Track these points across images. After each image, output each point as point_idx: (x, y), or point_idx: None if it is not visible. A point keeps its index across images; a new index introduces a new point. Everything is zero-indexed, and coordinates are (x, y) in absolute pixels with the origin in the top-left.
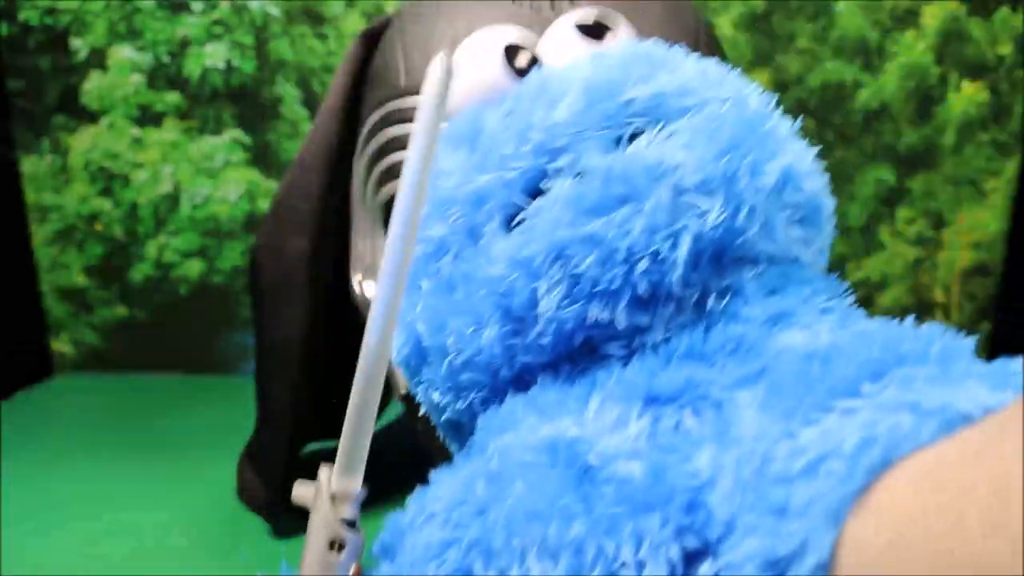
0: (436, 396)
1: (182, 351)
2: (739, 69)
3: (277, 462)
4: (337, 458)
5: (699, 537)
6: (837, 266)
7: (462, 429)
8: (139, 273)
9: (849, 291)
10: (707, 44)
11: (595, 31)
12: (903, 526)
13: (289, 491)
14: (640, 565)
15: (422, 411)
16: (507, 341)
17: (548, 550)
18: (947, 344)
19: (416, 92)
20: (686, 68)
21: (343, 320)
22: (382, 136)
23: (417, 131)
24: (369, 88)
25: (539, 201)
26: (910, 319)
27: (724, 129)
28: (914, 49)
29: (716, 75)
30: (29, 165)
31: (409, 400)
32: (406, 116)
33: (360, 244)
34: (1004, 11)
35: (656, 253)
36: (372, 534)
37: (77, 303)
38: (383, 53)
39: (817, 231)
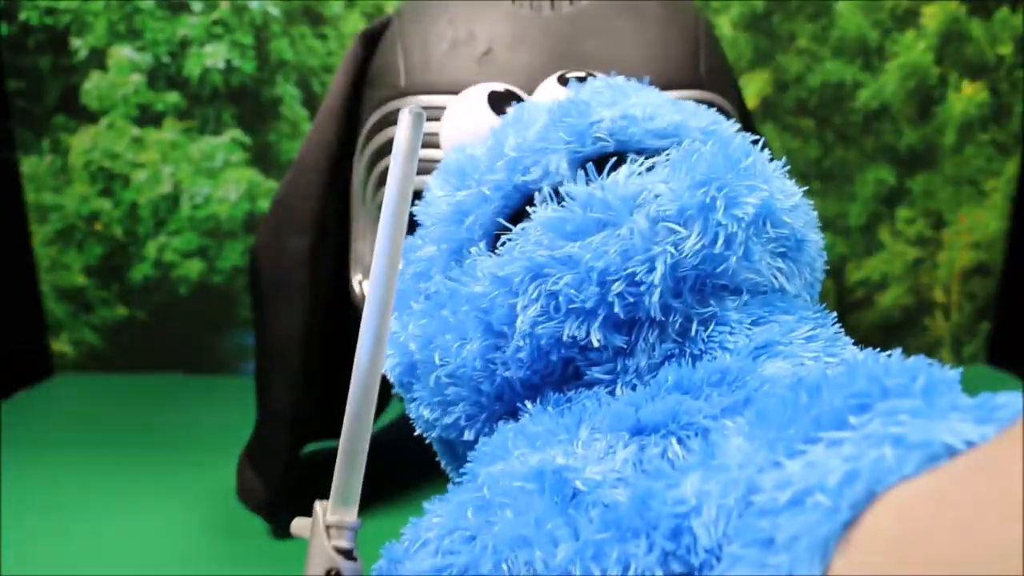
0: (426, 413)
1: (182, 351)
2: (739, 69)
3: (277, 462)
4: (332, 490)
5: (684, 563)
6: (837, 266)
7: (453, 447)
8: (139, 273)
9: (834, 321)
10: (707, 44)
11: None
12: (885, 558)
13: (289, 491)
14: None
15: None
16: (488, 355)
17: (536, 575)
18: (932, 377)
19: (416, 92)
20: (655, 98)
21: (343, 320)
22: (382, 136)
23: (390, 183)
24: (369, 88)
25: (523, 224)
26: (897, 351)
27: (702, 162)
28: (914, 49)
29: (689, 106)
30: (29, 165)
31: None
32: None
33: (359, 244)
34: (1004, 11)
35: (632, 275)
36: (373, 535)
37: (77, 303)
38: (383, 53)
39: (800, 265)
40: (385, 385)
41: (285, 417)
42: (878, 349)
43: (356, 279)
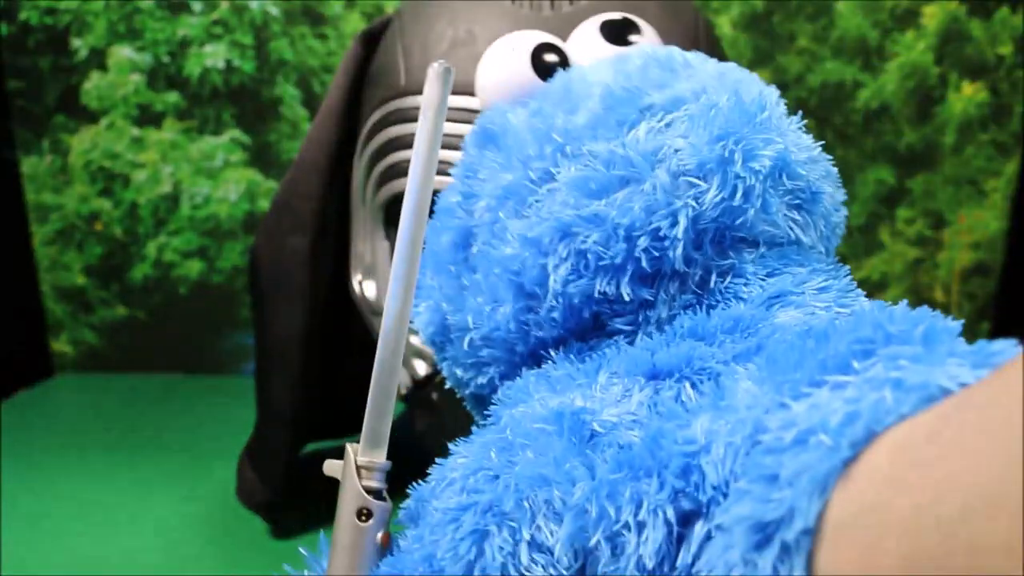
0: (459, 372)
1: (182, 351)
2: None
3: (277, 461)
4: (362, 433)
5: (693, 500)
6: None
7: (485, 402)
8: (139, 273)
9: (847, 273)
10: (707, 44)
11: (620, 32)
12: (880, 490)
13: (289, 491)
14: (640, 526)
15: (423, 410)
16: (521, 317)
17: (554, 512)
18: (933, 326)
19: (416, 92)
20: (704, 72)
21: (343, 320)
22: (382, 136)
23: (419, 137)
24: (369, 88)
25: (549, 185)
26: (903, 302)
27: (719, 118)
28: (914, 49)
29: (734, 78)
30: (29, 165)
31: (409, 400)
32: (406, 116)
33: (360, 244)
34: (1004, 11)
35: (656, 230)
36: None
37: (77, 303)
38: (383, 53)
39: (815, 217)
40: None
41: (285, 417)
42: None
43: (356, 279)
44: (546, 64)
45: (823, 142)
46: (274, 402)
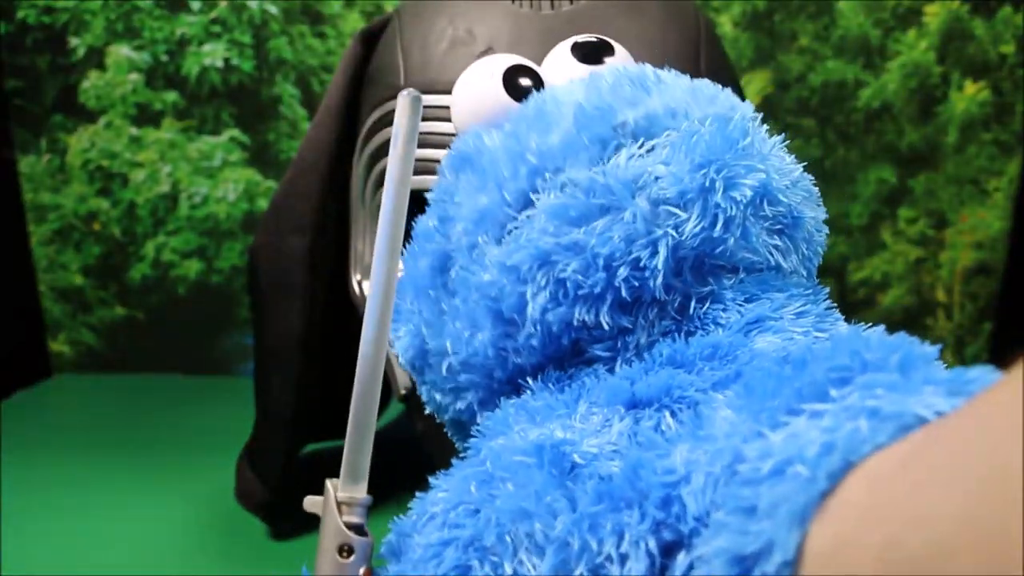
0: (438, 396)
1: (180, 351)
2: (740, 68)
3: (276, 462)
4: (342, 467)
5: (674, 531)
6: (838, 266)
7: (465, 428)
8: (137, 273)
9: (825, 297)
10: (708, 43)
11: (593, 53)
12: (857, 524)
13: (288, 491)
14: (623, 558)
15: (424, 411)
16: (499, 344)
17: (536, 545)
18: (908, 352)
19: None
20: (677, 89)
21: (342, 320)
22: (381, 135)
23: (391, 165)
24: (368, 87)
25: (527, 211)
26: (879, 327)
27: (700, 144)
28: (916, 48)
29: (707, 94)
30: (27, 165)
31: (409, 400)
32: None
33: (359, 243)
34: (1006, 10)
35: (636, 260)
36: (376, 533)
37: (75, 303)
38: (382, 52)
39: (797, 241)
40: (384, 384)
41: (284, 417)
42: (865, 325)
43: (355, 279)
44: (520, 87)
45: (824, 142)
46: (273, 402)
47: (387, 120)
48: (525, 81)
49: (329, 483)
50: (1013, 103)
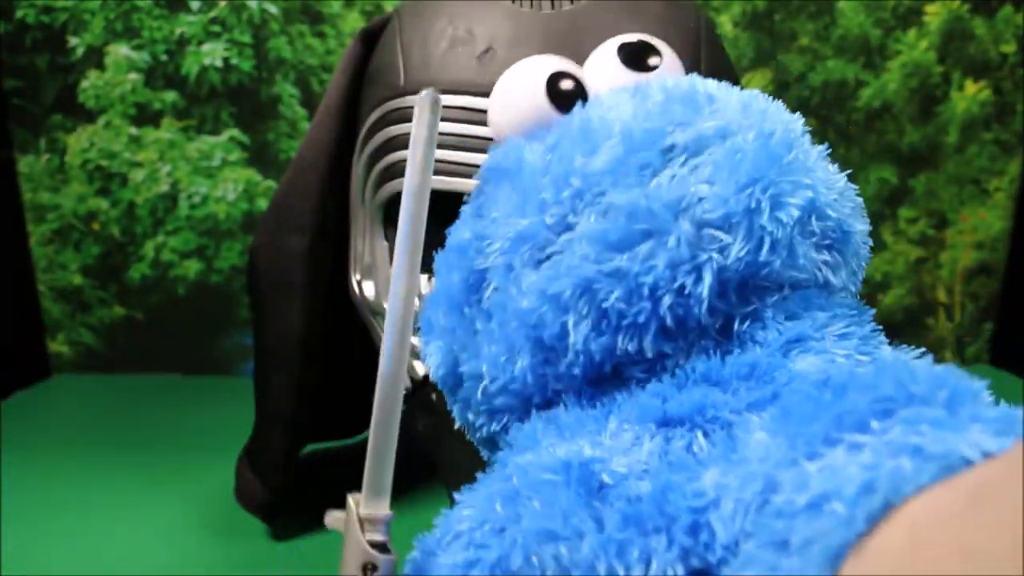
0: (471, 416)
1: (180, 351)
2: (741, 68)
3: (276, 462)
4: (364, 484)
5: (702, 559)
6: None
7: (495, 443)
8: (137, 273)
9: (871, 318)
10: (708, 43)
11: (639, 56)
12: (893, 570)
13: (288, 491)
14: None
15: (424, 411)
16: (539, 371)
17: (562, 567)
18: (956, 387)
19: (416, 91)
20: (728, 106)
21: (342, 320)
22: (381, 135)
23: (410, 169)
24: (368, 87)
25: (567, 235)
26: (927, 358)
27: (745, 162)
28: (916, 48)
29: (758, 109)
30: (26, 164)
31: (409, 400)
32: (405, 115)
33: (359, 243)
34: (1007, 9)
35: (681, 287)
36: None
37: (74, 303)
38: (382, 52)
39: (845, 255)
40: None
41: (284, 417)
42: (909, 350)
43: (355, 279)
44: (563, 94)
45: (825, 141)
46: (273, 402)
47: (387, 120)
48: (567, 85)
49: (351, 499)
50: (1014, 103)
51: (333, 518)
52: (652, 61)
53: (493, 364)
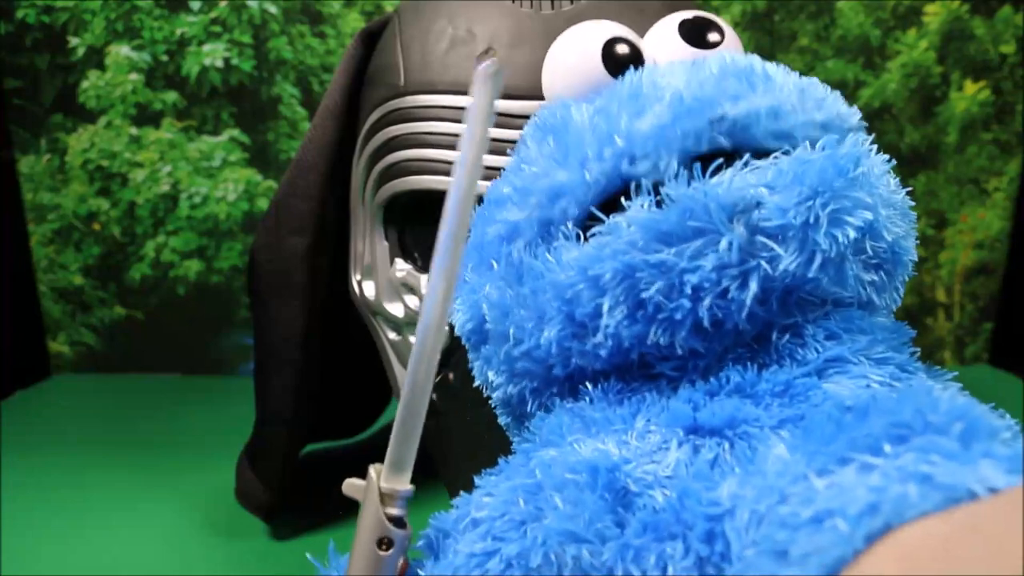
0: (491, 375)
1: (180, 351)
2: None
3: (276, 462)
4: (387, 457)
5: (717, 569)
6: None
7: (513, 409)
8: (137, 273)
9: (909, 341)
10: None
11: (699, 32)
12: None
13: (288, 491)
14: None
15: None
16: (565, 343)
17: (580, 568)
18: (974, 422)
19: (416, 91)
20: (784, 88)
21: (342, 320)
22: (381, 135)
23: (465, 148)
24: (368, 87)
25: (616, 217)
26: (954, 387)
27: (810, 173)
28: (916, 48)
29: (815, 96)
30: (27, 165)
31: None
32: (405, 115)
33: (359, 244)
34: (1006, 10)
35: (725, 290)
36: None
37: (75, 303)
38: (382, 52)
39: (893, 277)
40: (384, 383)
41: (284, 417)
42: (944, 380)
43: (355, 279)
44: (617, 57)
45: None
46: (273, 402)
47: (387, 120)
48: (623, 49)
49: (372, 469)
50: (1013, 103)
51: (351, 486)
52: (712, 37)
53: (520, 328)
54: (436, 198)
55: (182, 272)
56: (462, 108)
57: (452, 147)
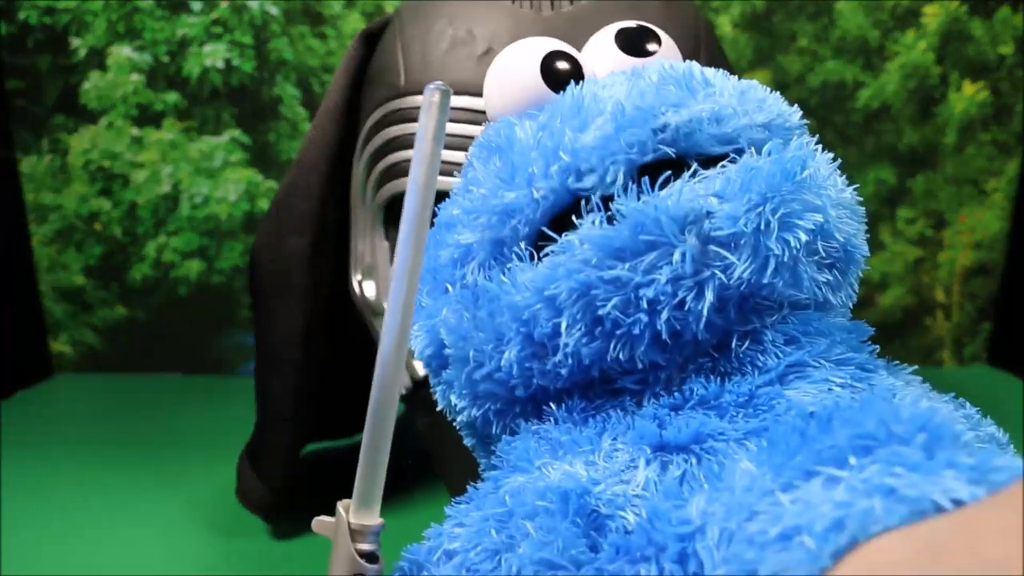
0: (454, 399)
1: (181, 351)
2: (740, 69)
3: (276, 462)
4: (354, 493)
5: None
6: None
7: (477, 431)
8: (138, 273)
9: (867, 338)
10: (707, 44)
11: (637, 41)
12: None
13: (289, 491)
14: None
15: (424, 410)
16: (526, 364)
17: None
18: (937, 430)
19: (416, 92)
20: (724, 92)
21: (343, 320)
22: (382, 136)
23: (415, 167)
24: (369, 88)
25: (568, 235)
26: (914, 394)
27: (758, 179)
28: (915, 49)
29: (755, 98)
30: (28, 165)
31: (408, 400)
32: (406, 116)
33: (360, 244)
34: (1005, 10)
35: (681, 302)
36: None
37: (76, 303)
38: (382, 53)
39: (847, 275)
40: None
41: (285, 417)
42: (904, 381)
43: (356, 279)
44: (557, 73)
45: (823, 142)
46: (274, 402)
47: (387, 120)
48: (563, 66)
49: (340, 507)
50: (1012, 103)
51: (321, 524)
52: (650, 47)
53: (480, 351)
54: (435, 199)
55: (183, 272)
56: (463, 108)
57: (452, 147)
